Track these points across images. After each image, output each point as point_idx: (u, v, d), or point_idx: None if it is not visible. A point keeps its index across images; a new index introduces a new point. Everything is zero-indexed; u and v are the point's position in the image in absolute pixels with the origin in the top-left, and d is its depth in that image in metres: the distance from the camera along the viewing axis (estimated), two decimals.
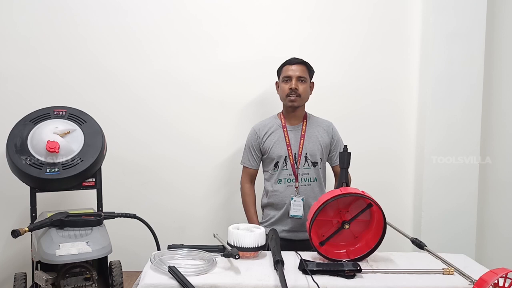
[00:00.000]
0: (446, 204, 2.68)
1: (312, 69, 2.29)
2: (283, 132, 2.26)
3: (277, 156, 2.23)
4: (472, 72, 2.64)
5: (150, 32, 2.67)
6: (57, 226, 1.90)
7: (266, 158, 2.29)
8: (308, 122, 2.29)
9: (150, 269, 1.51)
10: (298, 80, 2.21)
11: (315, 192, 2.23)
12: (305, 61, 2.26)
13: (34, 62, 2.61)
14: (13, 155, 2.02)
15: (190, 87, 2.70)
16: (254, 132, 2.32)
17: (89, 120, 2.20)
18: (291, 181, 2.22)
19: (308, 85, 2.25)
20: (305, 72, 2.24)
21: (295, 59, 2.26)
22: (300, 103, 2.24)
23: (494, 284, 1.31)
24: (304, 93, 2.23)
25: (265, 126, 2.31)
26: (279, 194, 2.24)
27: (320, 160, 2.26)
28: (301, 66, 2.23)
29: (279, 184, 2.24)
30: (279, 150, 2.23)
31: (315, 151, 2.24)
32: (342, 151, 1.80)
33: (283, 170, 2.23)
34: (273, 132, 2.27)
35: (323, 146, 2.26)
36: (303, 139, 2.24)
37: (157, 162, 2.73)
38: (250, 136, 2.33)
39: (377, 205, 1.61)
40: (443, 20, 2.62)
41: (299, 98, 2.22)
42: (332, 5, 2.73)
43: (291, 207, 2.21)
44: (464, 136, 2.66)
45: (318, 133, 2.28)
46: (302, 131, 2.26)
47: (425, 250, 1.62)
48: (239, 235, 1.63)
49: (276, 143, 2.25)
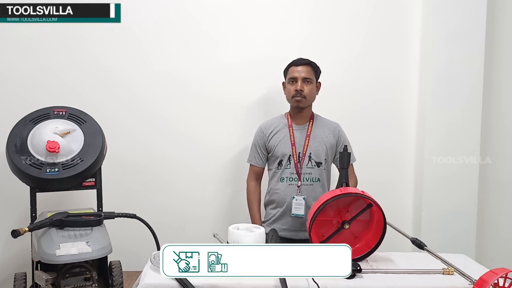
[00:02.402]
0: (446, 204, 2.68)
1: (319, 69, 2.29)
2: (289, 131, 2.27)
3: (281, 154, 2.24)
4: (472, 72, 2.64)
5: (150, 32, 2.67)
6: (57, 226, 1.90)
7: (271, 156, 2.29)
8: (314, 123, 2.30)
9: (150, 269, 1.51)
10: (304, 82, 2.21)
11: (316, 192, 2.23)
12: (311, 62, 2.26)
13: (34, 62, 2.61)
14: (13, 155, 2.02)
15: (190, 87, 2.70)
16: (260, 130, 2.33)
17: (89, 120, 2.20)
18: (293, 180, 2.23)
19: (314, 86, 2.26)
20: (311, 73, 2.24)
21: (301, 60, 2.25)
22: (306, 104, 2.25)
23: (494, 284, 1.31)
24: (309, 94, 2.23)
25: (271, 124, 2.32)
26: (281, 192, 2.24)
27: (325, 160, 2.26)
28: (307, 67, 2.23)
29: (282, 182, 2.24)
30: (284, 148, 2.24)
31: (319, 151, 2.24)
32: (342, 151, 1.81)
33: (286, 168, 2.24)
34: (279, 130, 2.28)
35: (328, 147, 2.26)
36: (308, 139, 2.25)
37: (157, 162, 2.73)
38: (256, 135, 2.35)
39: (377, 205, 1.61)
40: (443, 20, 2.61)
41: (304, 99, 2.22)
42: (332, 5, 2.72)
43: (292, 206, 2.21)
44: (464, 136, 2.66)
45: (324, 133, 2.28)
46: (308, 131, 2.26)
47: (425, 250, 1.63)
48: (239, 235, 1.63)
49: (281, 141, 2.25)
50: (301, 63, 2.24)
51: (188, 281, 1.38)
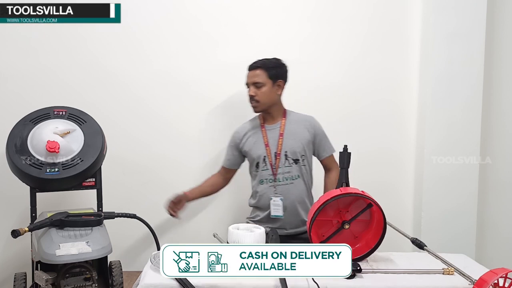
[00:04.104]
0: (446, 204, 2.68)
1: (278, 67, 2.21)
2: (261, 132, 2.25)
3: (256, 156, 2.22)
4: (472, 72, 2.64)
5: (150, 32, 2.67)
6: (57, 226, 1.90)
7: (249, 159, 2.28)
8: (287, 120, 2.25)
9: (150, 269, 1.51)
10: (255, 86, 2.17)
11: (299, 189, 2.21)
12: (263, 64, 2.18)
13: (34, 62, 2.62)
14: (13, 155, 2.02)
15: (190, 87, 2.70)
16: (234, 133, 2.33)
17: (89, 120, 2.20)
18: (272, 181, 2.21)
19: (268, 88, 2.18)
20: (261, 76, 2.17)
21: (252, 64, 2.21)
22: (261, 108, 2.21)
23: (494, 284, 1.31)
24: (262, 97, 2.17)
25: (245, 127, 2.30)
26: (263, 194, 2.22)
27: (303, 156, 2.21)
28: (256, 71, 2.18)
29: (262, 184, 2.22)
30: (258, 150, 2.22)
31: (294, 148, 2.20)
32: (342, 151, 1.80)
33: (263, 170, 2.21)
34: (253, 133, 2.26)
35: (304, 143, 2.21)
36: (281, 138, 2.21)
37: (157, 162, 2.73)
38: (231, 137, 2.34)
39: (377, 205, 1.61)
40: (443, 20, 2.61)
41: (258, 104, 2.19)
42: (332, 5, 2.72)
43: (271, 207, 2.19)
44: (464, 136, 2.66)
45: (298, 129, 2.23)
46: (281, 130, 2.22)
47: (425, 250, 1.63)
48: (239, 235, 1.63)
49: (256, 143, 2.23)
50: (251, 67, 2.20)
51: (188, 281, 1.38)
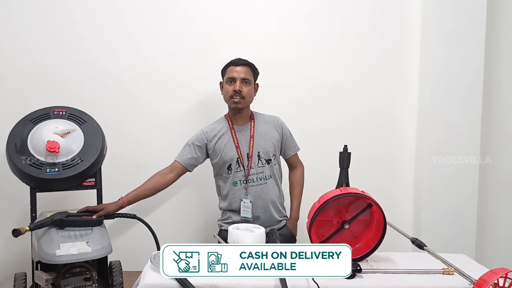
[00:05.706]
0: (446, 204, 2.68)
1: (257, 70, 2.25)
2: (231, 134, 2.22)
3: (229, 158, 2.19)
4: (471, 72, 2.64)
5: (148, 32, 2.67)
6: (58, 226, 1.90)
7: (219, 161, 2.22)
8: (256, 121, 2.25)
9: (150, 269, 1.51)
10: (242, 82, 2.16)
11: (272, 188, 2.21)
12: (250, 63, 2.21)
13: (34, 62, 2.61)
14: (13, 155, 2.01)
15: (189, 87, 2.70)
16: (202, 133, 2.25)
17: (89, 120, 2.20)
18: (244, 183, 2.19)
19: (252, 87, 2.21)
20: (250, 74, 2.19)
21: (239, 60, 2.21)
22: (244, 105, 2.20)
23: (494, 284, 1.31)
24: (248, 95, 2.18)
25: (214, 129, 2.25)
26: (237, 196, 2.20)
27: (274, 156, 2.22)
28: (246, 68, 2.18)
29: (235, 186, 2.20)
30: (230, 152, 2.19)
31: (267, 149, 2.20)
32: (342, 151, 1.80)
33: (237, 172, 2.19)
34: (223, 134, 2.23)
35: (274, 142, 2.22)
36: (252, 140, 2.20)
37: (157, 162, 2.72)
38: (196, 136, 2.25)
39: (377, 205, 1.61)
40: (442, 20, 2.61)
41: (243, 100, 2.17)
42: (330, 5, 2.72)
43: (241, 209, 2.18)
44: (464, 136, 2.66)
45: (267, 130, 2.24)
46: (251, 132, 2.22)
47: (425, 250, 1.63)
48: (239, 235, 1.64)
49: (227, 145, 2.20)
50: (240, 63, 2.19)
51: (188, 281, 1.38)
